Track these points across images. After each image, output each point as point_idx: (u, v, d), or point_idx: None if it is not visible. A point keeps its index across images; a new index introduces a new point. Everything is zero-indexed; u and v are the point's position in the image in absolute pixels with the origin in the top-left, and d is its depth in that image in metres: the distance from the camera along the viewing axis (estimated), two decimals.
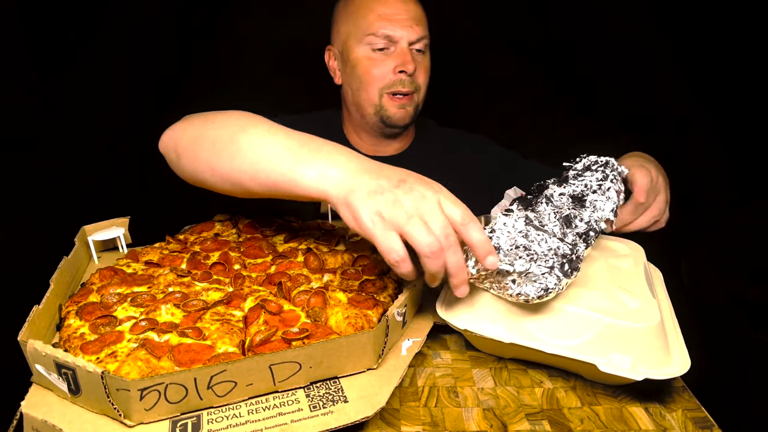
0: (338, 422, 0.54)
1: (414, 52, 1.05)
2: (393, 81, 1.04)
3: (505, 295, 0.63)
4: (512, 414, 0.60)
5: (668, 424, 0.59)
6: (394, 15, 1.02)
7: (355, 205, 0.57)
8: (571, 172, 0.79)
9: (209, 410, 0.55)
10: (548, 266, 0.62)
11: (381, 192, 0.57)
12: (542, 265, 0.62)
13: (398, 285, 0.78)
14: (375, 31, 1.02)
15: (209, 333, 0.62)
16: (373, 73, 1.04)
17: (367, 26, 1.03)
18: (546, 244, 0.65)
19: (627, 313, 0.63)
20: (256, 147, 0.64)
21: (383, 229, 0.56)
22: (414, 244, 0.56)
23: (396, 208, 0.56)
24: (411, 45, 1.04)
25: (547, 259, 0.63)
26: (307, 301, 0.70)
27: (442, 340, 0.73)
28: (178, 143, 0.76)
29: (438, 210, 0.57)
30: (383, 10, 1.02)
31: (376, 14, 1.02)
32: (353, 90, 1.09)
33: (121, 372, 0.55)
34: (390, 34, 1.02)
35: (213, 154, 0.69)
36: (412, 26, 1.03)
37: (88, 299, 0.70)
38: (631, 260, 0.76)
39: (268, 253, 0.84)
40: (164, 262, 0.81)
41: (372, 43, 1.03)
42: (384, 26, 1.02)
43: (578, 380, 0.66)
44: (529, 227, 0.67)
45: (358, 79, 1.06)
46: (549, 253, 0.64)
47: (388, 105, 1.05)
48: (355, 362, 0.60)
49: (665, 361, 0.60)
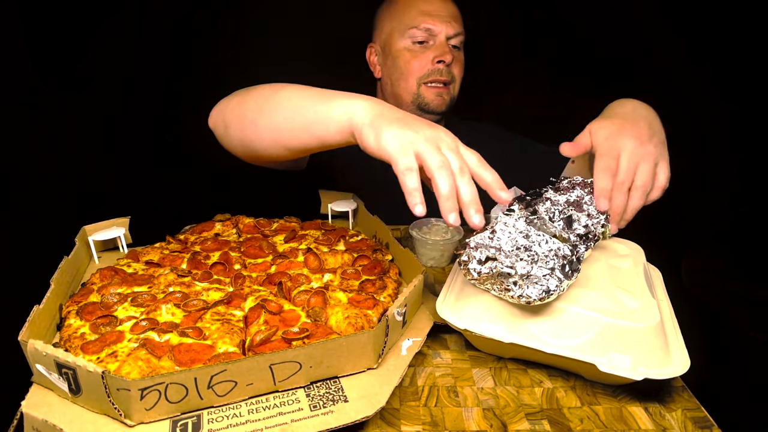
0: (338, 422, 0.54)
1: (450, 46, 1.15)
2: (431, 70, 1.13)
3: (507, 296, 0.63)
4: (512, 414, 0.60)
5: (668, 423, 0.59)
6: (435, 11, 1.13)
7: (380, 126, 0.62)
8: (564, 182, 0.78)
9: (209, 410, 0.55)
10: (549, 268, 0.62)
11: (406, 122, 0.62)
12: (543, 267, 0.62)
13: (398, 285, 0.78)
14: (417, 24, 1.12)
15: (209, 333, 0.63)
16: (413, 63, 1.14)
17: (410, 20, 1.13)
18: (547, 245, 0.65)
19: (627, 313, 0.63)
20: (293, 97, 0.74)
21: (401, 146, 0.60)
22: (425, 162, 0.59)
23: (416, 134, 0.60)
24: (448, 39, 1.14)
25: (548, 260, 0.63)
26: (307, 301, 0.70)
27: (442, 340, 0.73)
28: (225, 114, 0.86)
29: (455, 147, 0.62)
30: (425, 7, 1.14)
31: (419, 10, 1.13)
32: (393, 81, 1.18)
33: (122, 372, 0.55)
34: (431, 27, 1.12)
35: (257, 111, 0.79)
36: (450, 22, 1.13)
37: (89, 299, 0.70)
38: (630, 260, 0.76)
39: (269, 253, 0.84)
40: (165, 262, 0.81)
41: (414, 36, 1.13)
42: (425, 20, 1.12)
43: (578, 380, 0.66)
44: (530, 227, 0.67)
45: (399, 70, 1.15)
46: (550, 254, 0.64)
47: (426, 93, 1.15)
48: (355, 362, 0.60)
49: (665, 361, 0.61)
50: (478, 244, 0.65)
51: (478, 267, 0.64)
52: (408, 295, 0.66)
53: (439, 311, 0.69)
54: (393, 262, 0.83)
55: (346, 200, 1.00)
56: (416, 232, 0.92)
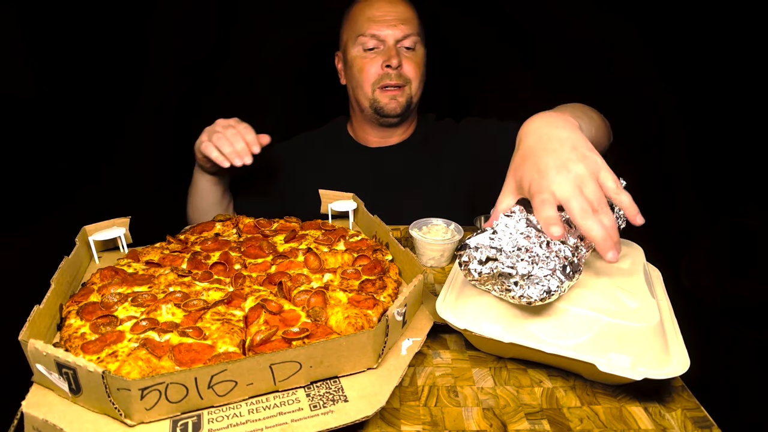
0: (338, 422, 0.54)
1: (402, 49, 1.16)
2: (381, 75, 1.15)
3: (508, 296, 0.63)
4: (512, 413, 0.60)
5: (667, 423, 0.59)
6: (381, 17, 1.15)
7: None
8: None
9: (210, 410, 0.55)
10: (550, 268, 0.62)
11: None
12: (544, 267, 0.62)
13: (398, 285, 0.78)
14: (364, 31, 1.15)
15: (210, 333, 0.63)
16: (366, 69, 1.16)
17: (358, 28, 1.16)
18: (548, 247, 0.64)
19: (626, 312, 0.63)
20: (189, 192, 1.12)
21: None
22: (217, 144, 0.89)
23: None
24: (398, 43, 1.15)
25: (549, 261, 0.63)
26: (308, 300, 0.70)
27: (442, 340, 0.73)
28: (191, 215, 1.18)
29: None
30: (372, 13, 1.15)
31: (366, 17, 1.16)
32: (353, 87, 1.22)
33: (122, 372, 0.55)
34: (376, 33, 1.14)
35: (194, 213, 1.14)
36: (397, 25, 1.14)
37: (89, 299, 0.70)
38: (630, 260, 0.76)
39: (269, 253, 0.84)
40: (165, 262, 0.81)
41: (364, 43, 1.16)
42: (371, 27, 1.14)
43: (578, 380, 0.66)
44: (530, 228, 0.66)
45: (355, 77, 1.19)
46: (551, 255, 0.63)
47: (380, 97, 1.17)
48: (355, 362, 0.60)
49: (664, 361, 0.61)
50: (478, 245, 0.65)
51: (478, 267, 0.64)
52: (408, 295, 0.66)
53: (439, 311, 0.69)
54: (393, 262, 0.83)
55: (346, 200, 1.00)
56: (416, 232, 0.92)
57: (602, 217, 0.60)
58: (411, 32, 1.16)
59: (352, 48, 1.18)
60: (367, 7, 1.17)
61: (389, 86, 1.15)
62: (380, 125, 1.23)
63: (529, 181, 0.65)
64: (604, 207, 0.61)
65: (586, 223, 0.60)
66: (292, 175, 1.24)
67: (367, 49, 1.16)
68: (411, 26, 1.16)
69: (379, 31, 1.14)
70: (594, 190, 0.61)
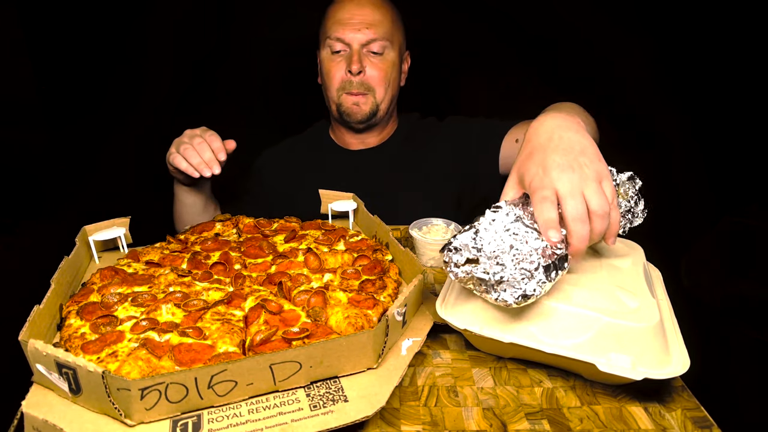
0: (338, 422, 0.54)
1: (369, 54, 1.14)
2: (345, 81, 1.15)
3: (488, 298, 0.62)
4: (512, 413, 0.60)
5: (667, 423, 0.59)
6: (347, 20, 1.13)
7: None
8: None
9: (210, 410, 0.55)
10: (529, 270, 0.60)
11: None
12: (524, 269, 0.60)
13: (398, 285, 0.78)
14: (330, 34, 1.14)
15: (210, 333, 0.63)
16: (331, 73, 1.16)
17: (326, 31, 1.16)
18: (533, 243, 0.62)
19: (626, 312, 0.63)
20: None
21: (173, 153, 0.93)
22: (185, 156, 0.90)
23: None
24: (364, 47, 1.13)
25: (532, 259, 0.61)
26: (308, 300, 0.70)
27: (442, 340, 0.73)
28: None
29: None
30: (339, 16, 1.14)
31: (334, 19, 1.15)
32: (324, 89, 1.21)
33: (122, 372, 0.55)
34: (341, 36, 1.13)
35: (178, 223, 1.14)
36: (361, 29, 1.12)
37: (89, 299, 0.70)
38: (630, 260, 0.76)
39: (269, 253, 0.84)
40: (165, 261, 0.81)
41: (330, 45, 1.15)
42: (336, 30, 1.13)
43: (578, 380, 0.66)
44: (517, 223, 0.64)
45: (324, 80, 1.20)
46: (536, 252, 0.61)
47: (345, 101, 1.17)
48: (355, 362, 0.60)
49: (664, 361, 0.61)
50: (460, 246, 0.63)
51: (456, 270, 0.63)
52: (408, 295, 0.66)
53: (439, 311, 0.69)
54: (393, 262, 0.83)
55: (346, 200, 1.00)
56: (416, 232, 0.92)
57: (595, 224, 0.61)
58: (377, 37, 1.12)
59: (322, 50, 1.18)
60: (337, 9, 1.15)
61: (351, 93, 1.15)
62: (349, 128, 1.23)
63: (531, 177, 0.64)
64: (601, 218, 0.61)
65: (575, 225, 0.60)
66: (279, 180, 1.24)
67: (334, 52, 1.15)
68: (379, 30, 1.13)
69: (343, 35, 1.12)
70: (596, 193, 0.61)
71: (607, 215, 0.61)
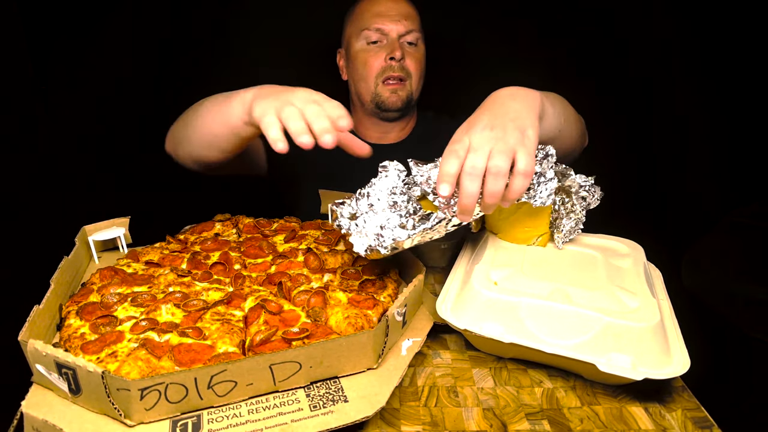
0: (338, 422, 0.54)
1: (405, 44, 1.21)
2: (384, 67, 1.19)
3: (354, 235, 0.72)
4: (512, 414, 0.60)
5: (668, 423, 0.59)
6: (385, 12, 1.20)
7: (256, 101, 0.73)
8: None
9: (209, 410, 0.55)
10: (381, 225, 0.69)
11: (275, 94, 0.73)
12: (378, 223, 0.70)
13: (398, 285, 0.78)
14: (369, 25, 1.19)
15: (209, 333, 0.63)
16: (369, 62, 1.20)
17: (363, 23, 1.21)
18: (388, 199, 0.73)
19: (627, 312, 0.63)
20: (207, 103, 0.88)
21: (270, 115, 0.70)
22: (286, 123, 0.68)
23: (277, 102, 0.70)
24: (401, 37, 1.20)
25: (396, 214, 0.70)
26: (307, 301, 0.70)
27: (442, 340, 0.73)
28: (172, 138, 1.01)
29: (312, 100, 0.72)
30: (376, 9, 1.21)
31: (371, 12, 1.21)
32: (355, 81, 1.25)
33: (122, 372, 0.55)
34: (381, 27, 1.19)
35: (190, 128, 0.92)
36: (401, 21, 1.19)
37: (89, 299, 0.70)
38: (631, 260, 0.76)
39: (269, 253, 0.84)
40: (164, 262, 0.81)
41: (368, 37, 1.20)
42: (376, 21, 1.19)
43: (578, 380, 0.66)
44: (396, 186, 0.75)
45: (358, 71, 1.22)
46: (389, 208, 0.72)
47: (382, 91, 1.20)
48: (355, 362, 0.60)
49: (665, 361, 0.61)
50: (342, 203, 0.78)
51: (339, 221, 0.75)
52: (408, 295, 0.66)
53: (439, 311, 0.69)
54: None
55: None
56: None
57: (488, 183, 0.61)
58: (413, 28, 1.20)
59: (356, 42, 1.21)
60: (372, 4, 1.22)
61: (392, 78, 1.18)
62: (381, 119, 1.26)
63: (456, 133, 0.66)
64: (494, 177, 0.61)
65: (464, 178, 0.61)
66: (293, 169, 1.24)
67: (371, 43, 1.20)
68: (413, 23, 1.21)
69: (383, 25, 1.18)
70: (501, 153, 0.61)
71: (502, 176, 0.61)
